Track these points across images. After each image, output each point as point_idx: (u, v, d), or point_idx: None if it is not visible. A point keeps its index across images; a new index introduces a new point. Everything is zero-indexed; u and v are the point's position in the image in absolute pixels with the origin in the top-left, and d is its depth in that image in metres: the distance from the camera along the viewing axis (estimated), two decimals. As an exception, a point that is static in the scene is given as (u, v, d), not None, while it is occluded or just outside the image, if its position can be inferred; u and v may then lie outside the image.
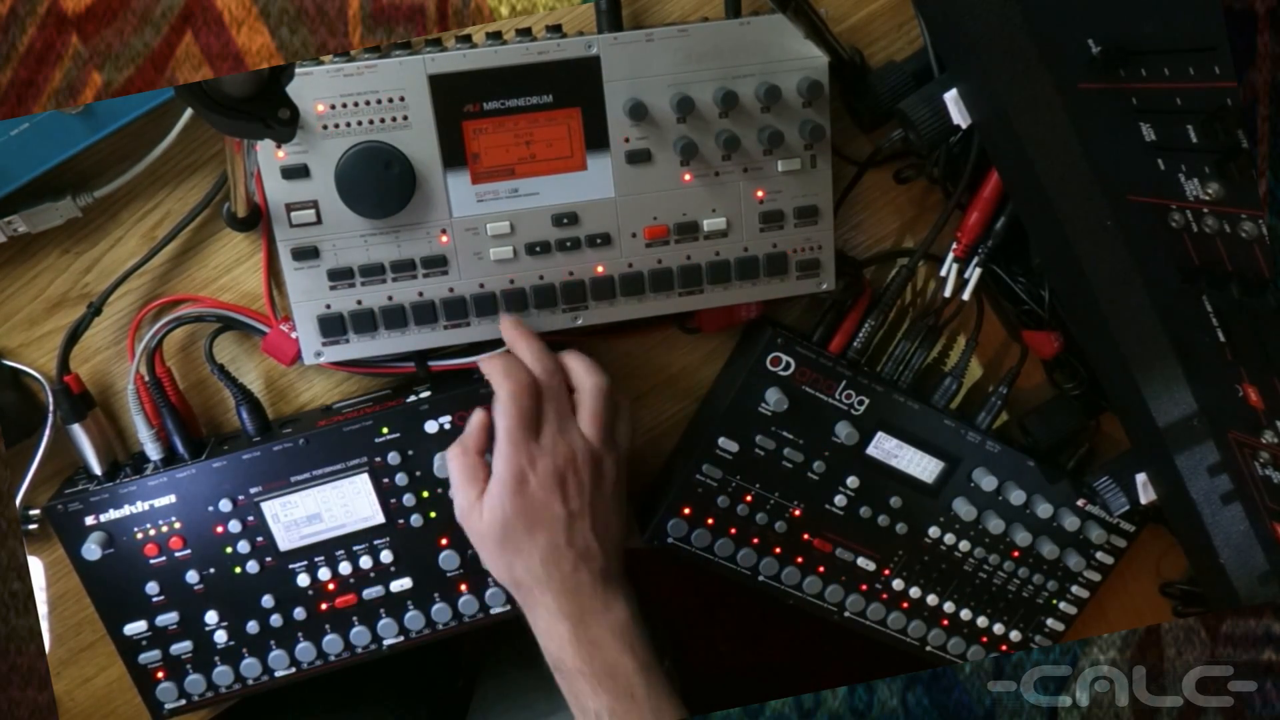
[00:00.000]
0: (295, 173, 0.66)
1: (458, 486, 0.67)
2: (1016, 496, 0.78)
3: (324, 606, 0.75)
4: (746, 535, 0.78)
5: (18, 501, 0.73)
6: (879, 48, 0.74)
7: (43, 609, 0.78)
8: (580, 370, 0.69)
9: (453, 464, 0.67)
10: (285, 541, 0.73)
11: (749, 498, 0.77)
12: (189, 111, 0.67)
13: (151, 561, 0.72)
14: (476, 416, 0.68)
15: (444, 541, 0.75)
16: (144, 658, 0.74)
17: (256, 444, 0.72)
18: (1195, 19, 0.49)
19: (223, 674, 0.75)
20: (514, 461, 0.64)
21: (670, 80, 0.67)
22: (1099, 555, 0.81)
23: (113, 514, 0.71)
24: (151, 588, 0.73)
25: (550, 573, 0.65)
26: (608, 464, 0.68)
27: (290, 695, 0.79)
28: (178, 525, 0.72)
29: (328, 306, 0.69)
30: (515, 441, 0.64)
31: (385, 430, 0.72)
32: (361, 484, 0.73)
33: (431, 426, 0.72)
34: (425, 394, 0.73)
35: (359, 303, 0.69)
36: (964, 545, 0.80)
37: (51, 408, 0.72)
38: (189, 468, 0.71)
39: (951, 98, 0.67)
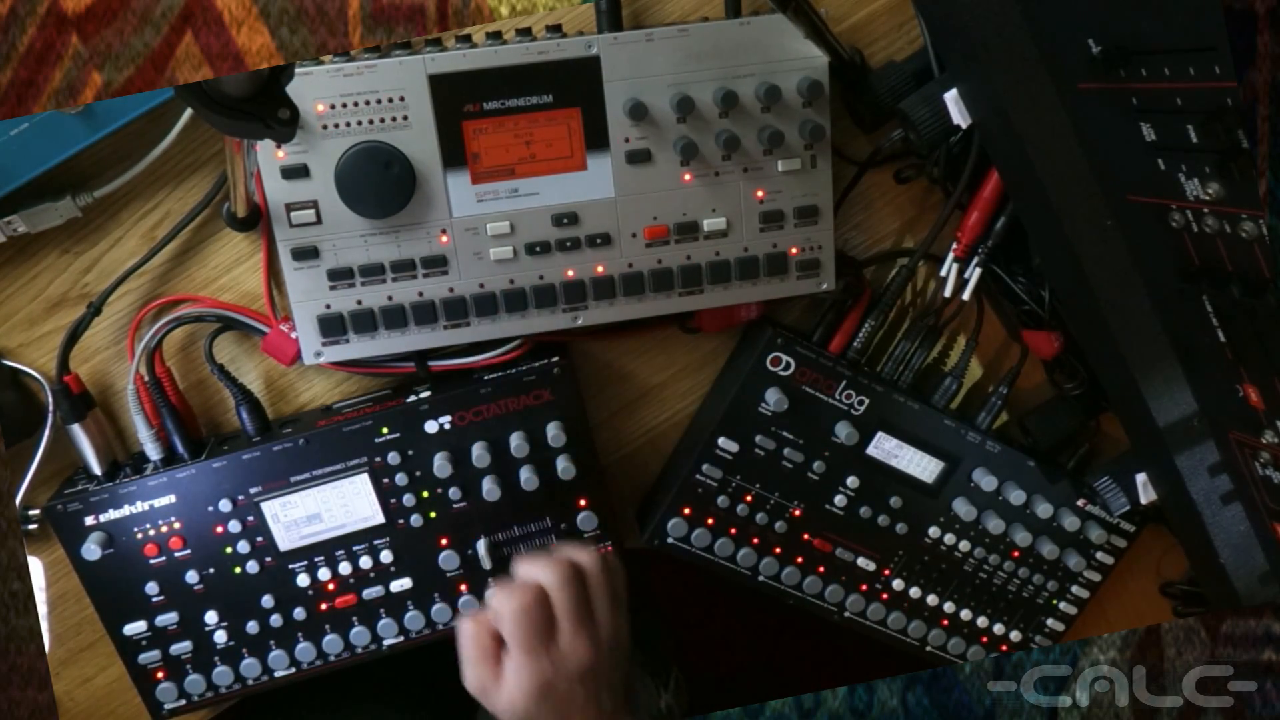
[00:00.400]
0: (295, 173, 0.66)
1: (470, 662, 0.65)
2: (1016, 496, 0.78)
3: (324, 606, 0.75)
4: (746, 535, 0.78)
5: (18, 501, 0.73)
6: (879, 48, 0.73)
7: (43, 609, 0.78)
8: (577, 557, 0.67)
9: (465, 641, 0.65)
10: (285, 541, 0.73)
11: (749, 498, 0.77)
12: (189, 111, 0.67)
13: (151, 561, 0.72)
14: (497, 600, 0.66)
15: (444, 541, 0.75)
16: (144, 658, 0.74)
17: (256, 444, 0.72)
18: (1195, 19, 0.49)
19: (222, 674, 0.75)
20: (535, 674, 0.63)
21: (670, 80, 0.67)
22: (1099, 555, 0.81)
23: (112, 514, 0.71)
24: (151, 588, 0.73)
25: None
26: (623, 632, 0.67)
27: (294, 693, 0.79)
28: (177, 525, 0.72)
29: (328, 306, 0.69)
30: (532, 652, 0.63)
31: (385, 430, 0.72)
32: (361, 484, 0.73)
33: (431, 426, 0.72)
34: (425, 394, 0.73)
35: (359, 303, 0.69)
36: (964, 545, 0.80)
37: (51, 408, 0.72)
38: (189, 468, 0.71)
39: (951, 98, 0.67)
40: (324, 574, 0.74)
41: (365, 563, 0.74)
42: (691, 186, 0.70)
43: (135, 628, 0.73)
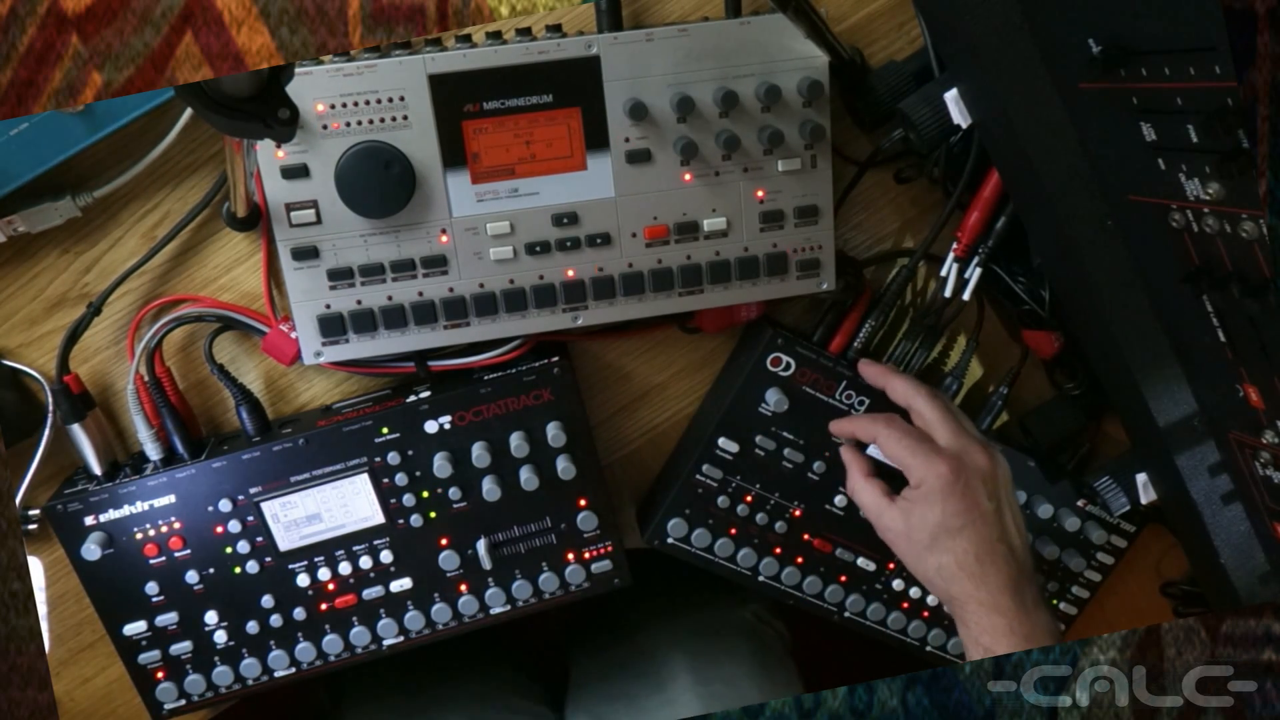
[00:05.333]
0: (295, 172, 0.66)
1: (873, 506, 0.71)
2: (1017, 497, 0.78)
3: (324, 606, 0.75)
4: (747, 535, 0.78)
5: (18, 501, 0.73)
6: (879, 47, 0.73)
7: (43, 609, 0.78)
8: (913, 393, 0.72)
9: (862, 496, 0.72)
10: (285, 541, 0.73)
11: (749, 498, 0.77)
12: (189, 111, 0.67)
13: (151, 561, 0.72)
14: (847, 452, 0.74)
15: (444, 541, 0.75)
16: (144, 658, 0.74)
17: (256, 444, 0.72)
18: (1195, 19, 0.49)
19: (222, 674, 0.75)
20: (942, 469, 0.66)
21: (670, 80, 0.67)
22: (1099, 555, 0.81)
23: (112, 514, 0.71)
24: (151, 588, 0.73)
25: (985, 569, 0.66)
26: (1001, 461, 0.69)
27: (385, 666, 0.80)
28: (177, 525, 0.72)
29: (327, 306, 0.69)
30: (930, 453, 0.67)
31: (385, 430, 0.72)
32: (361, 484, 0.73)
33: (431, 426, 0.72)
34: (425, 394, 0.73)
35: (359, 303, 0.69)
36: (964, 545, 0.80)
37: (51, 408, 0.72)
38: (189, 468, 0.71)
39: (951, 97, 0.67)
40: (324, 574, 0.74)
41: (365, 563, 0.74)
42: (691, 186, 0.70)
43: (135, 628, 0.73)
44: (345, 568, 0.74)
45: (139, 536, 0.72)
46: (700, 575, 0.79)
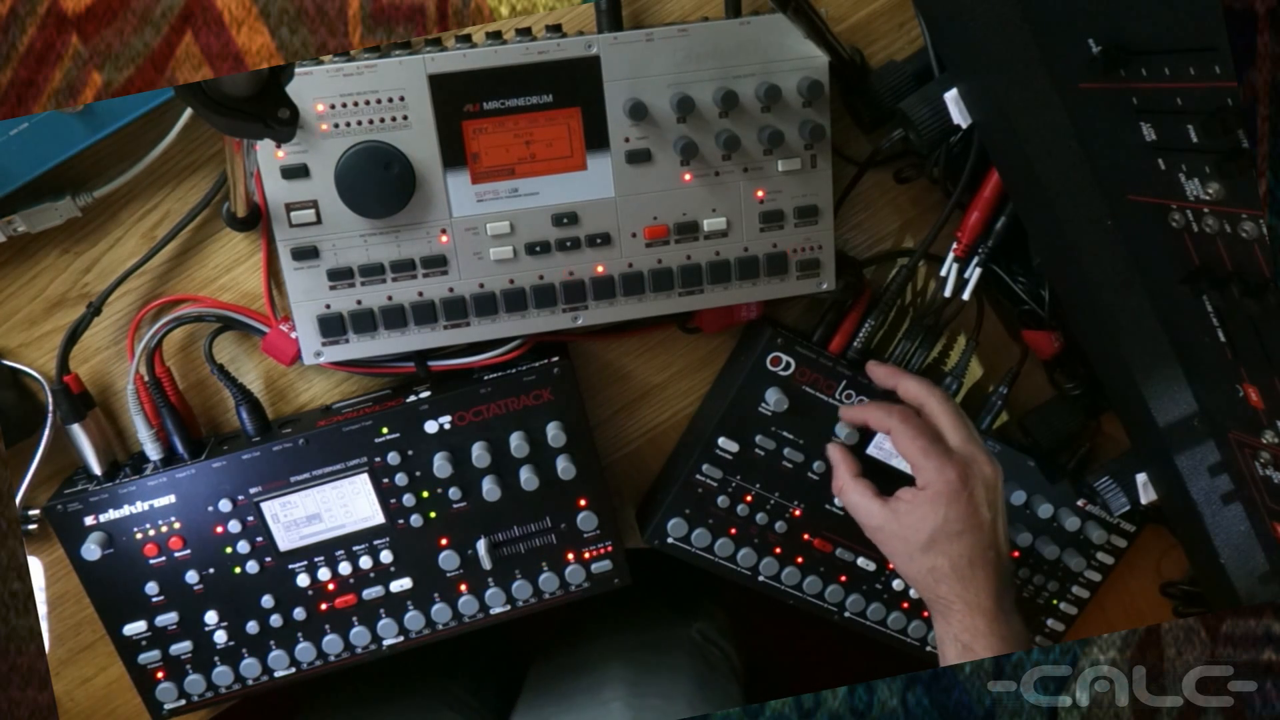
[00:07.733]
0: (295, 172, 0.66)
1: (863, 506, 0.71)
2: (1016, 496, 0.78)
3: (324, 606, 0.75)
4: (746, 535, 0.78)
5: (18, 501, 0.73)
6: (879, 48, 0.74)
7: (43, 609, 0.78)
8: (926, 394, 0.72)
9: (850, 495, 0.72)
10: (285, 541, 0.73)
11: (749, 498, 0.77)
12: (189, 111, 0.67)
13: (151, 561, 0.72)
14: (836, 451, 0.74)
15: (444, 541, 0.75)
16: (143, 658, 0.74)
17: (256, 444, 0.72)
18: (1195, 19, 0.49)
19: (222, 674, 0.75)
20: (950, 474, 0.67)
21: (670, 80, 0.67)
22: (1099, 555, 0.81)
23: (112, 514, 0.71)
24: (151, 588, 0.73)
25: (975, 572, 0.68)
26: (999, 468, 0.70)
27: (340, 680, 0.79)
28: (177, 525, 0.72)
29: (327, 306, 0.69)
30: (942, 456, 0.68)
31: (385, 430, 0.72)
32: (361, 484, 0.73)
33: (431, 426, 0.72)
34: (425, 394, 0.73)
35: (359, 303, 0.69)
36: (964, 545, 0.80)
37: (51, 408, 0.72)
38: (189, 468, 0.71)
39: (951, 97, 0.67)
40: (324, 574, 0.74)
41: (365, 563, 0.74)
42: (691, 186, 0.70)
43: (135, 628, 0.73)
44: (345, 568, 0.74)
45: (139, 536, 0.72)
46: (653, 587, 0.79)
